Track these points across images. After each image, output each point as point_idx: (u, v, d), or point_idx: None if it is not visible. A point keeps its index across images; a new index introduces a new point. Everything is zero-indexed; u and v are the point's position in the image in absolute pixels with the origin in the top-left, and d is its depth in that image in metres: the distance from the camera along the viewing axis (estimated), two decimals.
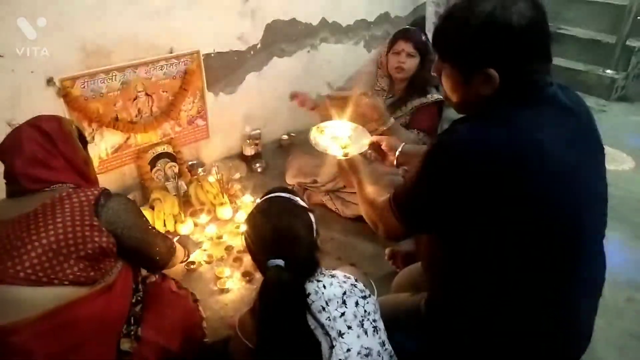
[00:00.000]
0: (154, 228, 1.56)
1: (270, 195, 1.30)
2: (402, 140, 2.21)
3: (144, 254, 1.46)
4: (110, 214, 1.30)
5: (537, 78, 1.07)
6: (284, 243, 1.15)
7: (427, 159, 1.09)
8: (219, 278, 2.03)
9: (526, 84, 1.06)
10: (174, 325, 1.49)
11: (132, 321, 1.42)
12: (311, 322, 1.09)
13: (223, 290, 1.98)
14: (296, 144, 3.13)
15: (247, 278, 2.03)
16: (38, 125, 1.36)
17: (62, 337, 1.23)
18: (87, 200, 1.28)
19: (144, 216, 1.49)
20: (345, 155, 1.57)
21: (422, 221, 1.17)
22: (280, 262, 1.09)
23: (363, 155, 1.67)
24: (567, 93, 1.14)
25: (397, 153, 1.67)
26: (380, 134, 2.24)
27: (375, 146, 1.73)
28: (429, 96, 2.35)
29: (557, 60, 4.47)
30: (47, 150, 1.34)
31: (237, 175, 2.77)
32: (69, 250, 1.21)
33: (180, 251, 1.76)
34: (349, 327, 1.12)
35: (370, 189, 1.42)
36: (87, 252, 1.24)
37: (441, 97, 2.34)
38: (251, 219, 1.27)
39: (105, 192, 1.34)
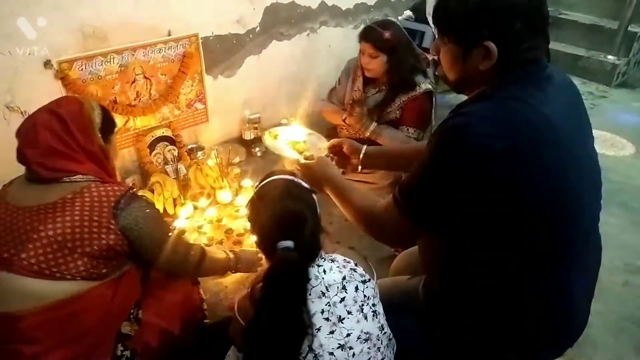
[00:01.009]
0: (181, 238, 1.51)
1: (272, 178, 1.29)
2: (390, 142, 2.21)
3: (153, 262, 1.43)
4: (128, 221, 1.28)
5: (535, 56, 1.07)
6: (291, 225, 1.13)
7: (438, 143, 1.06)
8: None
9: (524, 62, 1.06)
10: (174, 308, 1.50)
11: (133, 304, 1.43)
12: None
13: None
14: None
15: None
16: (56, 110, 1.30)
17: (68, 327, 1.25)
18: (108, 201, 1.26)
19: (163, 225, 1.44)
20: (306, 158, 1.48)
21: (435, 214, 1.10)
22: (290, 243, 1.08)
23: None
24: (560, 74, 1.14)
25: (361, 155, 1.59)
26: (366, 139, 2.23)
27: (335, 150, 1.63)
28: (417, 88, 2.25)
29: (558, 46, 4.47)
30: (62, 139, 1.28)
31: (237, 159, 2.77)
32: (74, 244, 1.21)
33: (216, 264, 1.67)
34: (349, 312, 1.12)
35: (357, 196, 1.33)
36: (93, 250, 1.23)
37: (430, 87, 2.29)
38: (255, 202, 1.26)
39: (128, 195, 1.31)
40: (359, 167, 1.62)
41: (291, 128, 1.71)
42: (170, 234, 1.46)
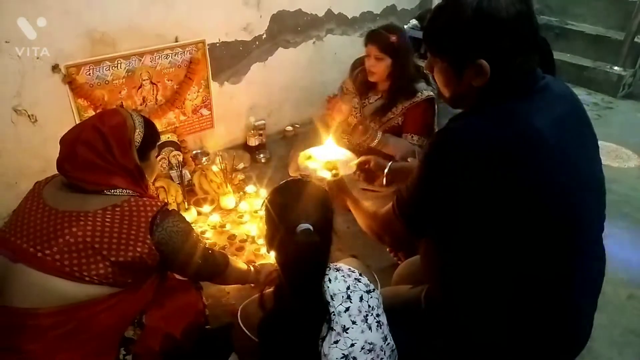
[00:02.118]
0: (207, 248, 1.54)
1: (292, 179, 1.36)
2: (396, 150, 2.23)
3: (182, 273, 1.51)
4: (162, 235, 1.32)
5: (528, 69, 1.08)
6: (310, 207, 1.15)
7: (427, 158, 1.09)
8: None
9: (517, 75, 1.07)
10: (177, 312, 1.50)
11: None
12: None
13: None
14: (300, 136, 3.13)
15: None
16: (100, 128, 1.33)
17: (78, 330, 1.26)
18: (146, 215, 1.30)
19: (194, 238, 1.47)
20: (335, 176, 1.60)
21: (427, 222, 1.16)
22: (308, 225, 1.09)
23: (352, 176, 1.70)
24: (560, 85, 1.15)
25: (385, 171, 1.66)
26: (372, 149, 2.25)
27: (362, 167, 1.73)
28: (418, 94, 2.26)
29: (564, 56, 4.46)
30: (102, 155, 1.32)
31: (241, 165, 2.77)
32: (101, 247, 1.24)
33: (237, 274, 1.70)
34: (353, 322, 1.12)
35: (367, 204, 1.44)
36: (122, 259, 1.26)
37: (431, 93, 2.29)
38: (274, 191, 1.27)
39: (163, 210, 1.35)
40: (384, 182, 1.68)
41: (323, 148, 1.80)
42: (198, 245, 1.49)
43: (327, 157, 1.74)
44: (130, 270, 1.30)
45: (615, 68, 4.17)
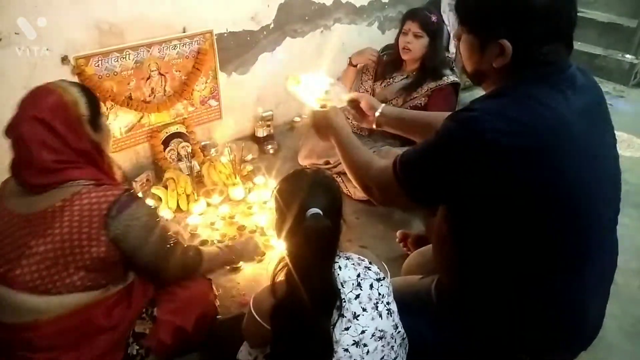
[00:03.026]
0: (172, 239, 1.43)
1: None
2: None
3: (152, 272, 1.41)
4: (119, 231, 1.22)
5: (555, 59, 1.05)
6: (319, 193, 1.15)
7: (445, 131, 1.06)
8: None
9: (542, 64, 1.05)
10: (188, 305, 1.51)
11: (149, 302, 1.45)
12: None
13: (235, 269, 2.00)
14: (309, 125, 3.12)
15: (259, 257, 2.04)
16: (38, 116, 1.20)
17: (80, 332, 1.26)
18: (99, 208, 1.20)
19: (159, 234, 1.35)
20: (321, 106, 1.52)
21: (428, 191, 1.13)
22: (318, 210, 1.09)
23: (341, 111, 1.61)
24: (585, 75, 1.13)
25: (377, 113, 1.61)
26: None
27: (354, 104, 1.66)
28: (444, 78, 2.32)
29: (575, 44, 4.38)
30: (54, 147, 1.20)
31: (250, 156, 2.77)
32: (67, 259, 1.19)
33: (215, 262, 1.66)
34: (364, 310, 1.13)
35: (359, 151, 1.35)
36: (86, 263, 1.21)
37: (457, 79, 2.31)
38: (283, 180, 1.27)
39: (122, 200, 1.23)
40: (374, 125, 1.63)
41: (315, 75, 1.72)
42: (168, 243, 1.39)
43: (316, 86, 1.65)
44: (102, 272, 1.25)
45: (627, 56, 4.12)
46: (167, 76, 2.46)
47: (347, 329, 1.10)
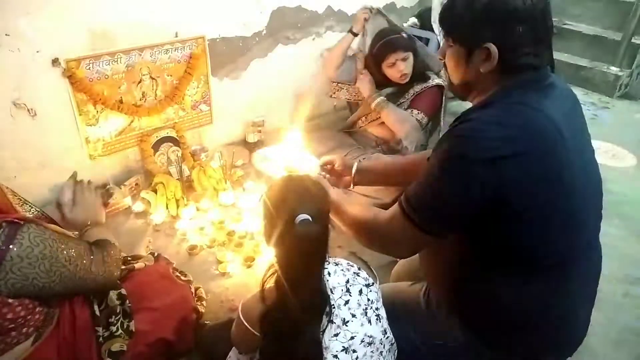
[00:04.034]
0: (86, 253, 1.23)
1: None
2: (391, 115, 2.26)
3: (81, 290, 1.26)
4: (12, 282, 1.03)
5: (537, 64, 1.09)
6: (307, 199, 1.15)
7: (448, 150, 1.05)
8: (220, 262, 2.04)
9: (526, 68, 1.08)
10: (166, 313, 1.47)
11: (119, 317, 1.37)
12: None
13: (224, 275, 1.99)
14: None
15: (248, 263, 2.04)
16: None
17: None
18: None
19: (64, 253, 1.14)
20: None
21: (445, 217, 1.09)
22: (307, 216, 1.09)
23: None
24: (561, 82, 1.16)
25: (353, 171, 1.59)
26: (369, 114, 2.34)
27: (327, 168, 1.64)
28: (429, 81, 2.38)
29: (561, 56, 4.48)
30: None
31: (240, 162, 2.77)
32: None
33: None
34: (353, 315, 1.13)
35: (357, 208, 1.32)
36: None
37: (441, 82, 2.37)
38: (272, 185, 1.27)
39: (2, 250, 1.01)
40: (352, 185, 1.61)
41: (280, 148, 1.71)
42: (78, 262, 1.18)
43: (284, 158, 1.66)
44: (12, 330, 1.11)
45: (612, 68, 4.20)
46: (159, 80, 2.45)
47: (336, 335, 1.10)
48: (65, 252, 1.14)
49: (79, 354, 1.29)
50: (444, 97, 2.41)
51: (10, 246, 1.03)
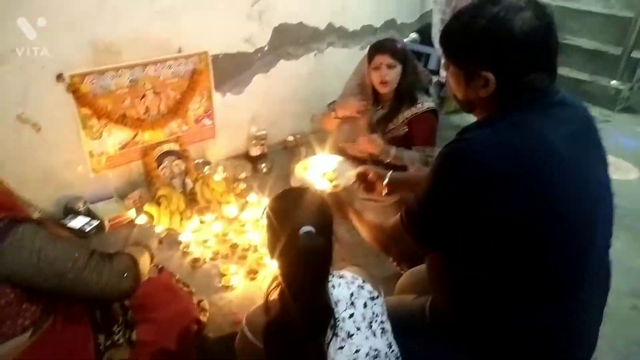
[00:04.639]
0: (91, 251, 1.25)
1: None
2: (409, 163, 2.25)
3: (71, 290, 1.21)
4: (5, 271, 1.10)
5: (539, 86, 1.07)
6: (310, 211, 1.16)
7: (439, 168, 1.08)
8: (223, 275, 2.04)
9: (528, 91, 1.07)
10: (168, 324, 1.47)
11: (120, 328, 1.38)
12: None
13: (228, 287, 1.98)
14: (301, 146, 3.14)
15: (252, 276, 2.03)
16: None
17: None
18: None
19: (53, 247, 1.16)
20: (336, 187, 1.59)
21: (437, 234, 1.13)
22: (311, 228, 1.10)
23: (351, 187, 1.70)
24: (573, 100, 1.15)
25: (385, 182, 1.65)
26: (386, 165, 2.27)
27: (362, 177, 1.71)
28: (418, 105, 2.28)
29: (562, 70, 4.47)
30: None
31: (243, 175, 2.78)
32: None
33: (142, 260, 1.41)
34: (358, 329, 1.12)
35: (370, 216, 1.43)
36: None
37: (432, 105, 2.32)
38: (275, 198, 1.28)
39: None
40: (384, 193, 1.68)
41: (321, 157, 1.78)
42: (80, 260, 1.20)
43: (324, 168, 1.73)
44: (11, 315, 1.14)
45: (613, 82, 4.22)
46: (162, 95, 2.47)
47: (341, 348, 1.09)
48: (56, 252, 1.16)
49: (75, 356, 1.28)
50: (437, 118, 2.35)
51: (6, 239, 1.09)
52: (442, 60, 1.24)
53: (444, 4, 3.09)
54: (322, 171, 1.72)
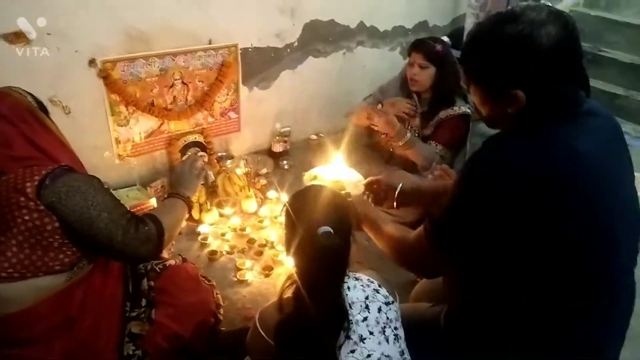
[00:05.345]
0: (127, 212, 1.33)
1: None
2: (419, 155, 2.22)
3: (108, 248, 1.28)
4: (54, 198, 1.18)
5: (569, 96, 1.05)
6: (330, 211, 1.15)
7: (467, 177, 1.06)
8: (239, 269, 2.05)
9: (557, 102, 1.04)
10: (187, 311, 1.50)
11: (145, 303, 1.44)
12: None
13: (242, 282, 1.99)
14: (324, 146, 3.13)
15: (267, 272, 2.04)
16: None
17: (68, 319, 1.26)
18: (32, 180, 1.17)
19: (101, 198, 1.26)
20: (346, 195, 1.54)
21: (462, 244, 1.09)
22: (329, 228, 1.09)
23: (360, 197, 1.66)
24: (601, 109, 1.12)
25: (396, 193, 1.60)
26: (398, 150, 2.25)
27: (371, 187, 1.67)
28: (455, 108, 2.29)
29: (596, 83, 4.38)
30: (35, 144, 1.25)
31: (264, 170, 2.78)
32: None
33: (166, 214, 1.46)
34: (371, 333, 1.11)
35: (391, 227, 1.34)
36: (25, 234, 1.17)
37: (468, 110, 2.30)
38: (294, 195, 1.28)
39: (57, 172, 1.21)
40: (394, 204, 1.63)
41: (329, 167, 1.75)
42: (118, 214, 1.28)
43: (333, 177, 1.70)
44: (40, 248, 1.20)
45: None
46: (190, 86, 2.50)
47: (352, 351, 1.08)
48: (96, 198, 1.25)
49: (104, 312, 1.34)
50: (470, 126, 2.35)
51: (61, 177, 1.21)
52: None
53: (478, 8, 3.04)
54: (330, 180, 1.68)
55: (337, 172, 1.73)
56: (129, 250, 1.30)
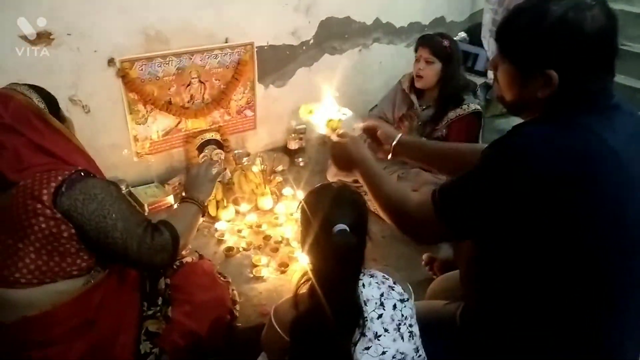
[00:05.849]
0: (143, 221, 1.33)
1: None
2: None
3: (123, 256, 1.28)
4: (67, 206, 1.17)
5: (600, 86, 1.03)
6: (346, 208, 1.15)
7: (491, 160, 1.03)
8: (255, 266, 2.06)
9: (588, 92, 1.02)
10: (203, 308, 1.51)
11: (161, 301, 1.45)
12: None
13: (258, 279, 2.01)
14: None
15: (282, 269, 2.05)
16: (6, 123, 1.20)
17: (86, 321, 1.27)
18: (48, 186, 1.17)
19: (118, 205, 1.26)
20: (339, 136, 1.43)
21: (469, 222, 1.07)
22: (345, 226, 1.09)
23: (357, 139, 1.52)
24: (627, 104, 1.09)
25: (394, 142, 1.53)
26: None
27: (369, 133, 1.59)
28: (464, 106, 2.25)
29: (618, 77, 4.24)
30: (42, 148, 1.23)
31: (280, 168, 2.80)
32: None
33: (181, 220, 1.44)
34: (386, 330, 1.11)
35: (390, 186, 1.26)
36: (42, 242, 1.17)
37: (478, 107, 2.26)
38: (311, 192, 1.28)
39: (72, 178, 1.20)
40: (390, 155, 1.56)
41: (327, 104, 1.66)
42: (135, 222, 1.28)
43: (330, 115, 1.57)
44: (57, 254, 1.20)
45: None
46: (207, 84, 2.52)
47: (367, 348, 1.08)
48: (112, 206, 1.24)
49: (122, 313, 1.36)
50: (482, 122, 2.32)
51: (77, 184, 1.20)
52: (489, 58, 1.16)
53: (497, 3, 3.00)
54: (327, 118, 1.61)
55: (333, 111, 1.64)
56: (144, 259, 1.31)
